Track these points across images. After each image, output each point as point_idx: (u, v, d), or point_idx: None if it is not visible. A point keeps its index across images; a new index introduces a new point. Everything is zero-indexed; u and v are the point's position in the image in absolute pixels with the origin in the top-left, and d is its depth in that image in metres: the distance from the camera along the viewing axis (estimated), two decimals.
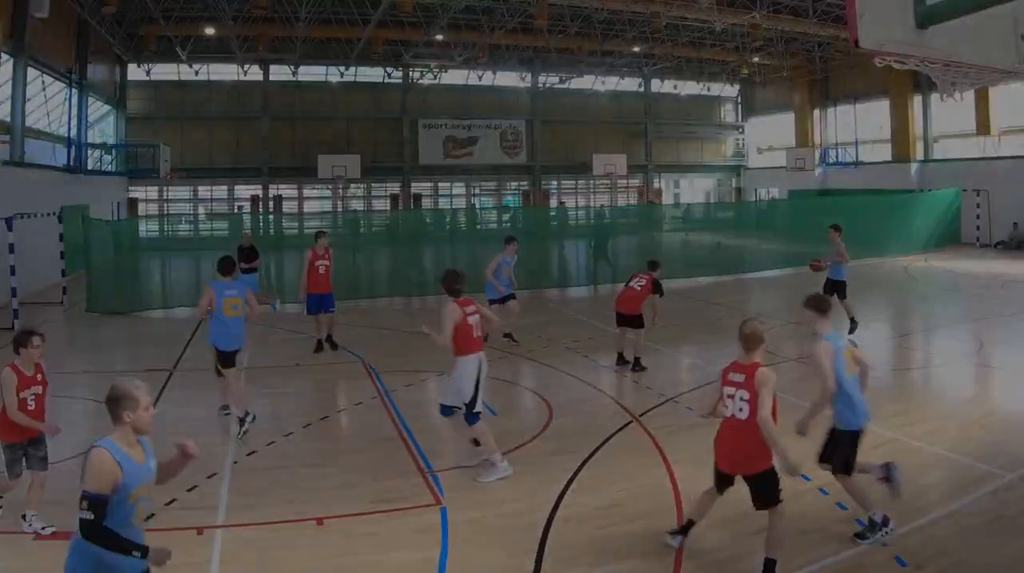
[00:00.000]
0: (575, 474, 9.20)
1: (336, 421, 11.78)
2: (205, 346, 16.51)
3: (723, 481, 7.03)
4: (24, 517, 7.59)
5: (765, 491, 6.71)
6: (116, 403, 4.74)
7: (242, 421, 10.59)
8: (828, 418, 7.47)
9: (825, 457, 7.46)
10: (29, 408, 7.61)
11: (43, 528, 7.52)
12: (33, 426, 7.63)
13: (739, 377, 6.77)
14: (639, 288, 14.18)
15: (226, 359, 10.93)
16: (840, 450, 7.34)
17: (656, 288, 14.22)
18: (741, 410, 6.69)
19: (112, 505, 4.56)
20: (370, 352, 15.93)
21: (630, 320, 14.22)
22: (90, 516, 4.47)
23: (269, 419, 11.36)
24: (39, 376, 7.76)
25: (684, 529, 7.24)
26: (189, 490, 8.67)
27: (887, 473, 7.45)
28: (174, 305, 22.68)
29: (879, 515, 7.23)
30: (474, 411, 9.15)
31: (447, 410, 9.44)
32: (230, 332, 10.90)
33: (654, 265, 14.71)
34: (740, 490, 6.89)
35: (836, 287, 16.10)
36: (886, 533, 7.16)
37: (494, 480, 8.98)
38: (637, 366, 14.14)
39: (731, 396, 6.78)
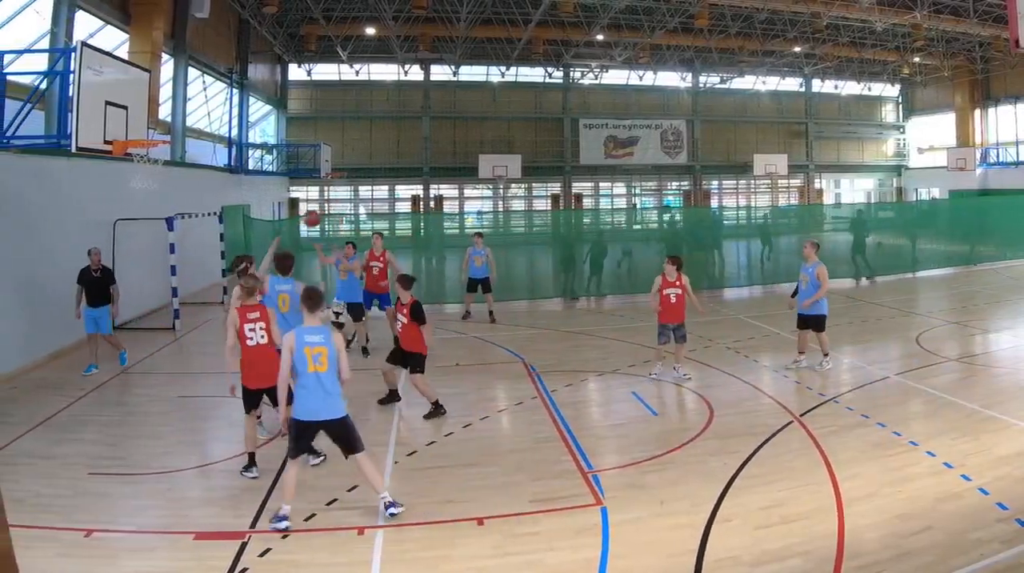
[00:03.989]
0: (736, 474, 9.12)
1: (496, 421, 11.63)
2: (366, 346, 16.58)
3: None
4: None
5: None
6: None
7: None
8: None
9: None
10: None
11: None
12: None
13: None
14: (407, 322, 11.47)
15: None
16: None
17: (415, 315, 11.36)
18: None
19: None
20: (530, 352, 15.90)
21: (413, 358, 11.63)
22: None
23: (429, 419, 11.37)
24: None
25: None
26: (350, 490, 8.72)
27: None
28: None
29: None
30: None
31: None
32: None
33: (408, 280, 11.72)
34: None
35: None
36: None
37: None
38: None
39: None
